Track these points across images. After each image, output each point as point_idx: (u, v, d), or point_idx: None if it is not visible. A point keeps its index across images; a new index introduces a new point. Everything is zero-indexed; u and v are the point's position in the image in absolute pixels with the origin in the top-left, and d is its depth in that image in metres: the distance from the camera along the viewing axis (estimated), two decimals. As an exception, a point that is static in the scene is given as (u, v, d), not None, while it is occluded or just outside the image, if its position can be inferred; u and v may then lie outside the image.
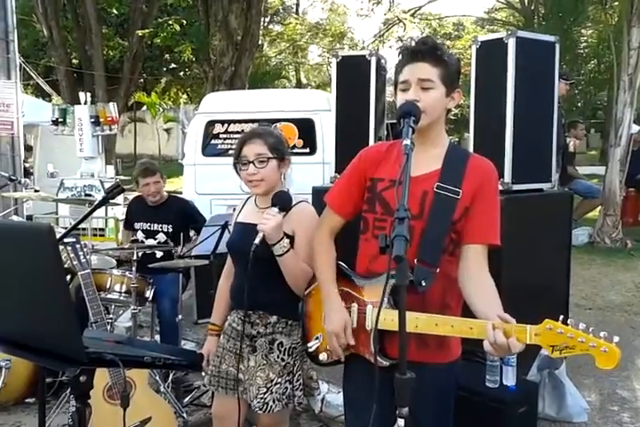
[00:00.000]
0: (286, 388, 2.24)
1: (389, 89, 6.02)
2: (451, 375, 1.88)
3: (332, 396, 3.54)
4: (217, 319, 2.49)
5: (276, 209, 2.09)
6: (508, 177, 3.26)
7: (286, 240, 2.09)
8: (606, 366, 1.42)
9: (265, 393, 2.22)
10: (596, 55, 18.41)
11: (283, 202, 2.13)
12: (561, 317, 1.48)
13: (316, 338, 1.95)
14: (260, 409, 2.22)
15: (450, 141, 1.90)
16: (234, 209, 2.34)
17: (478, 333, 1.56)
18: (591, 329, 1.44)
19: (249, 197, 2.46)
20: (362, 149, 2.00)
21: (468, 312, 1.75)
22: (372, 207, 1.87)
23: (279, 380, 2.24)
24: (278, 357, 2.26)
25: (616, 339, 1.43)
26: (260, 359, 2.27)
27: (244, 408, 2.36)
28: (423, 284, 1.69)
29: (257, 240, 2.03)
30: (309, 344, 1.97)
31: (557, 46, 3.45)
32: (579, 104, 19.53)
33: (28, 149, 9.82)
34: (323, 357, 1.93)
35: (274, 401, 2.22)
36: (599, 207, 7.99)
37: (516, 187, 3.29)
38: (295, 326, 2.27)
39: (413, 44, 1.81)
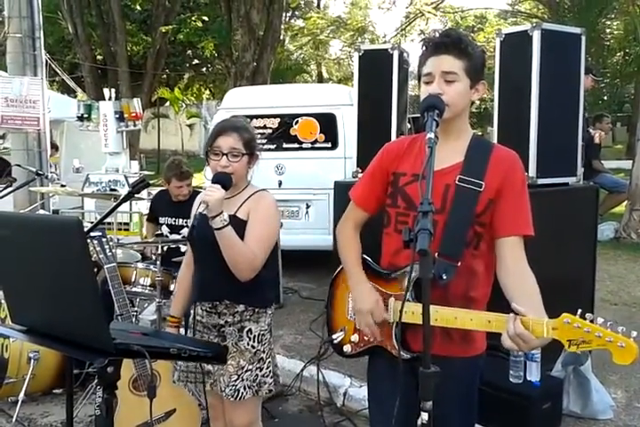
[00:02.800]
0: (257, 375, 2.29)
1: (412, 83, 5.99)
2: (475, 369, 1.88)
3: (354, 390, 3.55)
4: (177, 311, 2.51)
5: (218, 185, 2.13)
6: (532, 171, 3.22)
7: (226, 215, 2.11)
8: (623, 361, 1.39)
9: (236, 380, 2.26)
10: (623, 47, 18.06)
11: (224, 180, 2.18)
12: (579, 311, 1.46)
13: (341, 330, 1.97)
14: (232, 397, 2.25)
15: (473, 134, 1.88)
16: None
17: (497, 326, 1.56)
18: (609, 324, 1.42)
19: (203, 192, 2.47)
20: (385, 144, 2.00)
21: (493, 307, 1.75)
22: (394, 202, 1.87)
23: (250, 367, 2.28)
24: (248, 344, 2.30)
25: (634, 334, 1.40)
26: (231, 347, 2.30)
27: (220, 396, 2.37)
28: (444, 277, 1.69)
29: (201, 209, 2.07)
30: (334, 336, 1.99)
31: (583, 38, 3.40)
32: (605, 97, 19.19)
33: (55, 147, 10.00)
34: (347, 348, 1.95)
35: (244, 388, 2.26)
36: (625, 202, 7.87)
37: (541, 181, 3.26)
38: (262, 313, 2.33)
39: (437, 35, 1.80)
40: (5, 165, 7.26)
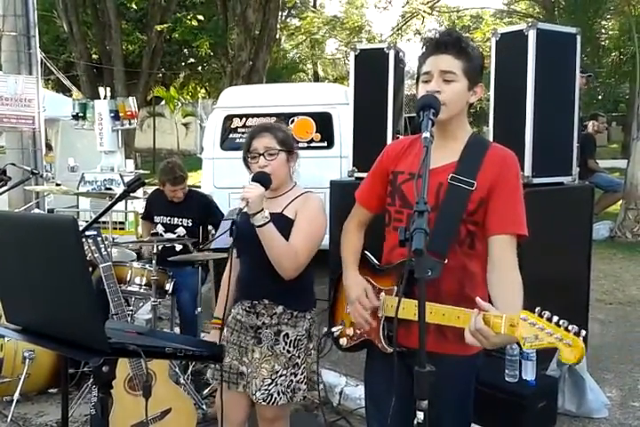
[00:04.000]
0: (291, 380, 2.27)
1: (407, 82, 5.98)
2: (471, 368, 1.88)
3: (350, 389, 3.55)
4: (220, 313, 2.49)
5: (257, 183, 2.15)
6: (528, 170, 3.23)
7: (266, 212, 2.12)
8: (569, 359, 1.40)
9: (269, 385, 2.24)
10: (618, 47, 18.09)
11: (263, 179, 2.19)
12: (537, 308, 1.46)
13: (340, 324, 2.02)
14: (264, 401, 2.23)
15: (472, 133, 1.88)
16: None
17: (464, 322, 1.57)
18: (562, 322, 1.42)
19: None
20: (387, 145, 2.03)
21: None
22: (392, 200, 1.89)
23: (284, 372, 2.26)
24: (284, 348, 2.28)
25: (583, 333, 1.40)
26: (266, 351, 2.29)
27: (249, 402, 2.38)
28: (429, 274, 1.67)
29: (241, 205, 2.08)
30: (333, 329, 2.03)
31: (578, 38, 3.41)
32: (600, 97, 19.23)
33: (49, 147, 9.98)
34: (342, 341, 2.01)
35: (278, 393, 2.24)
36: (620, 201, 7.89)
37: (537, 180, 3.27)
38: (300, 318, 2.31)
39: (437, 35, 1.80)
40: None
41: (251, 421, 2.52)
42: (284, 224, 2.20)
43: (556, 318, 1.43)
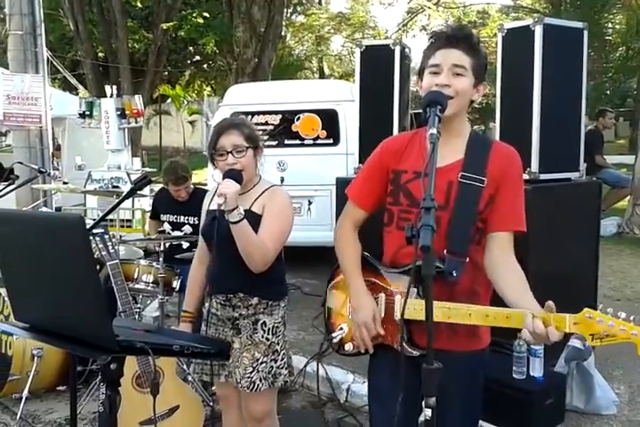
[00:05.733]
0: (271, 367, 2.33)
1: (414, 79, 5.96)
2: (480, 362, 1.87)
3: (357, 386, 3.56)
4: (191, 306, 2.54)
5: (232, 180, 2.18)
6: (535, 166, 3.22)
7: (241, 208, 2.14)
8: None
9: (251, 372, 2.30)
10: (625, 42, 17.97)
11: (234, 176, 2.21)
12: (600, 305, 1.49)
13: (340, 329, 1.95)
14: (248, 388, 2.29)
15: (472, 130, 1.87)
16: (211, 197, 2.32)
17: (516, 322, 1.56)
18: (632, 318, 1.45)
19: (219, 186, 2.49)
20: (383, 141, 1.98)
21: (496, 300, 1.75)
22: (396, 199, 1.85)
23: (264, 359, 2.32)
24: (263, 336, 2.33)
25: None
26: (245, 340, 2.34)
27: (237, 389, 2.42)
28: (454, 274, 1.69)
29: (220, 201, 2.10)
30: (333, 335, 1.97)
31: (585, 33, 3.39)
32: (607, 92, 19.12)
33: (58, 148, 10.05)
34: (348, 347, 1.94)
35: (260, 380, 2.30)
36: (628, 197, 7.85)
37: (544, 176, 3.25)
38: (276, 307, 2.37)
39: (449, 29, 1.79)
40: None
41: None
42: (252, 220, 2.22)
43: (623, 315, 1.46)
